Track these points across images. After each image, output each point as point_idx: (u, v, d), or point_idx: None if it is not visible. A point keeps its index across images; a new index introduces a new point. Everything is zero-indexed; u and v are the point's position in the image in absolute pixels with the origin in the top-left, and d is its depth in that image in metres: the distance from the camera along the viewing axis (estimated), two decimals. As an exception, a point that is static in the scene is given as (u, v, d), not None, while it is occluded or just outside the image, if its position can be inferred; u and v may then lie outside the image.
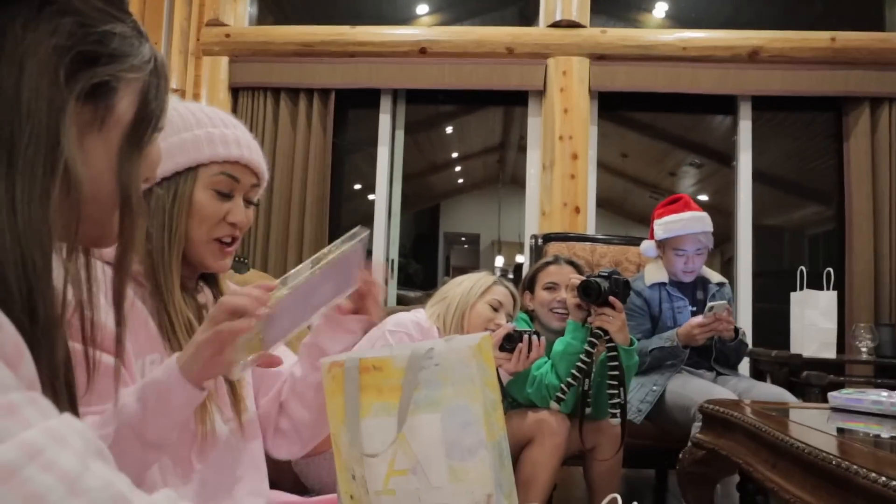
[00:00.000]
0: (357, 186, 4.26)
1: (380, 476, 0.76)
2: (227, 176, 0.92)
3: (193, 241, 0.91)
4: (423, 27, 3.76)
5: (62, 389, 0.51)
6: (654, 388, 2.18)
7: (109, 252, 0.82)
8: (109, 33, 0.53)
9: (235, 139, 0.93)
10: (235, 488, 0.94)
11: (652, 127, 5.01)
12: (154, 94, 0.59)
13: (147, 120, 0.59)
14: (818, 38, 3.39)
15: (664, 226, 2.28)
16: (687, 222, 2.26)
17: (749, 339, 3.40)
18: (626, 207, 6.73)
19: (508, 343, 1.75)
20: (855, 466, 1.07)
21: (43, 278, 0.46)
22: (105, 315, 0.74)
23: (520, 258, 2.89)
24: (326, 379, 0.80)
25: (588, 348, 1.81)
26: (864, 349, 2.59)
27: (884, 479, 1.00)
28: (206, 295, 0.99)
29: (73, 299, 0.60)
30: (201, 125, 0.92)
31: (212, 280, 1.02)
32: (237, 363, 0.78)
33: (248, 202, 0.96)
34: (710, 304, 2.18)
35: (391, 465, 0.76)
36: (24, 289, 0.44)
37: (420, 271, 5.64)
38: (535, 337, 1.75)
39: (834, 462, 1.12)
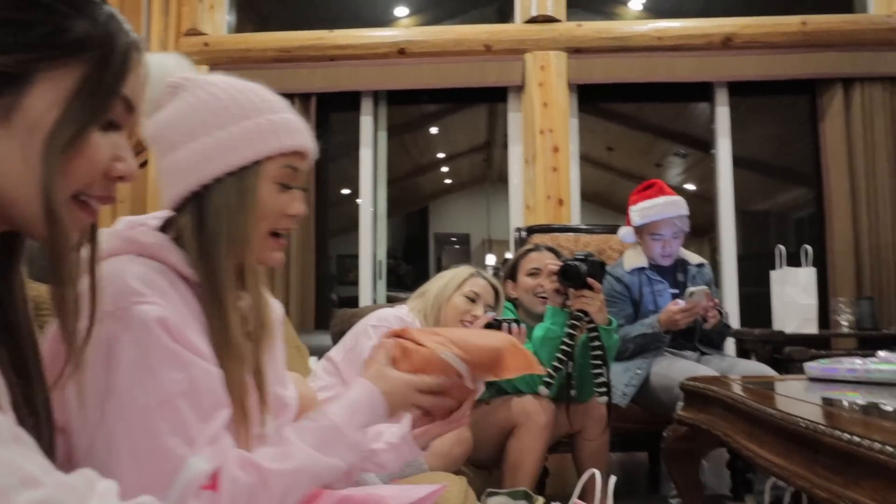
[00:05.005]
0: (346, 191, 4.29)
1: None
2: (290, 168, 0.84)
3: (254, 238, 0.84)
4: (402, 28, 3.79)
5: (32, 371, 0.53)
6: (638, 371, 2.20)
7: (175, 262, 0.78)
8: (22, 22, 0.51)
9: (297, 125, 0.86)
10: None
11: (635, 119, 5.06)
12: (94, 90, 0.54)
13: (80, 121, 0.54)
14: (789, 23, 3.44)
15: (640, 212, 2.32)
16: (662, 207, 2.29)
17: (737, 322, 3.44)
18: (614, 200, 6.78)
19: None
20: (822, 427, 1.10)
21: None
22: (189, 330, 0.73)
23: (508, 255, 2.94)
24: None
25: (570, 331, 1.84)
26: (844, 323, 2.63)
27: (847, 435, 1.03)
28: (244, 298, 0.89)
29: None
30: (261, 111, 0.83)
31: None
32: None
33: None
34: (690, 289, 2.21)
35: None
36: None
37: (411, 272, 5.67)
38: (514, 325, 1.78)
39: (802, 424, 1.15)
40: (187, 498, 0.65)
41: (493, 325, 1.78)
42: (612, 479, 1.24)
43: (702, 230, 4.42)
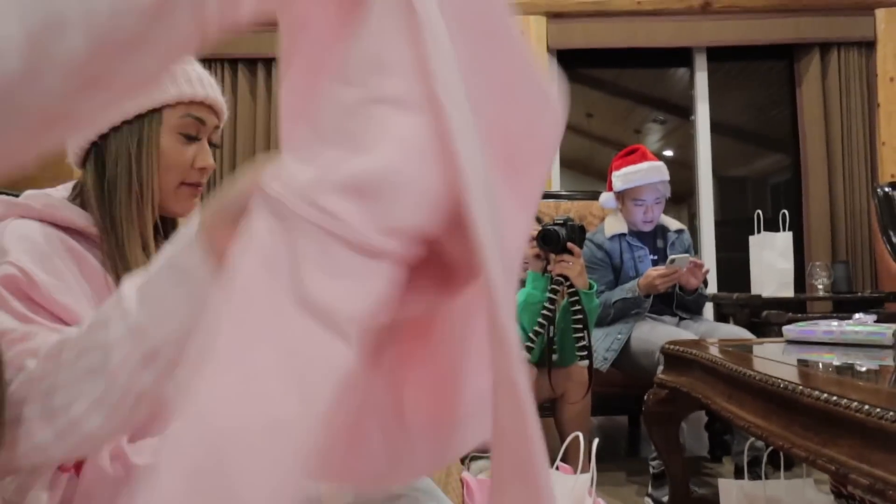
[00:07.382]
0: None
1: None
2: (193, 118, 0.85)
3: (162, 190, 0.84)
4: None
5: None
6: (619, 336, 2.23)
7: (68, 218, 0.77)
8: None
9: (198, 77, 0.86)
10: None
11: (615, 85, 5.03)
12: None
13: None
14: (768, -13, 3.42)
15: (623, 177, 2.32)
16: (645, 172, 2.29)
17: (714, 287, 3.49)
18: (593, 167, 6.76)
19: None
20: (800, 387, 1.12)
21: None
22: (60, 291, 0.70)
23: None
24: None
25: (551, 296, 1.85)
26: (820, 286, 2.68)
27: (824, 395, 1.05)
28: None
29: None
30: None
31: (170, 226, 0.93)
32: None
33: (210, 144, 0.90)
34: (672, 256, 2.22)
35: None
36: None
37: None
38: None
39: (781, 385, 1.17)
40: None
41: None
42: (595, 442, 1.26)
43: (680, 197, 4.45)
